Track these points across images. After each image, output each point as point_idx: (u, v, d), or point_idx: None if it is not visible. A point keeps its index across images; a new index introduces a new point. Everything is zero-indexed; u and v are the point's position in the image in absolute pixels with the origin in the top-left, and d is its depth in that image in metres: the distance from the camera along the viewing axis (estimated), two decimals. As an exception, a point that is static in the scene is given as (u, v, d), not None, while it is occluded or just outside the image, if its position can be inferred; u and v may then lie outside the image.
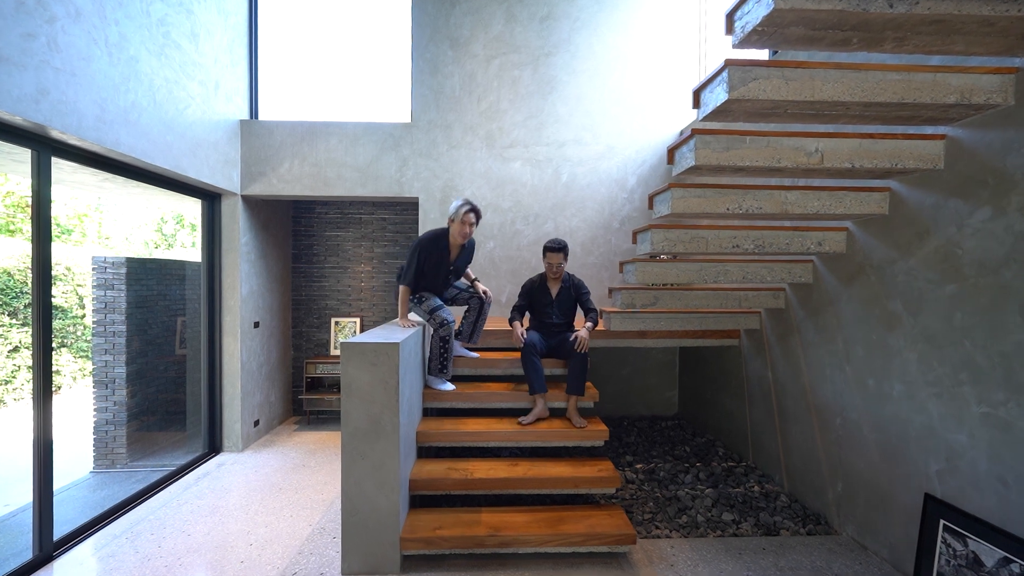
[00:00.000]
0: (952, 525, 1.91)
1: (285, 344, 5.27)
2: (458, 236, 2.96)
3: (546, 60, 4.53)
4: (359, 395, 2.11)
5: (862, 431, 2.39)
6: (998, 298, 1.76)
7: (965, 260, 1.89)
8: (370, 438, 2.11)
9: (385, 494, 2.12)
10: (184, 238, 12.49)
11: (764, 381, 3.22)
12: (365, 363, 2.10)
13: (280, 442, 4.60)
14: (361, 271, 5.46)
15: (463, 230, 2.92)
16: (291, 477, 3.79)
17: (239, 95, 4.33)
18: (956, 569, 1.88)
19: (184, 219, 12.14)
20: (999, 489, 1.76)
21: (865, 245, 2.38)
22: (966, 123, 1.89)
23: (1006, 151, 1.74)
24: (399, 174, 4.44)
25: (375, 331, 2.54)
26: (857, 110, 1.76)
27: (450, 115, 4.47)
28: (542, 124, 4.54)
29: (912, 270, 2.11)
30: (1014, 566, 1.69)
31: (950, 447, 1.94)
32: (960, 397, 1.90)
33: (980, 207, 1.83)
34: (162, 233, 12.62)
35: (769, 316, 3.18)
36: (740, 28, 1.55)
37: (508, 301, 4.52)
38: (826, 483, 2.64)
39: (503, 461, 2.64)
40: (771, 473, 3.14)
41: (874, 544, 2.32)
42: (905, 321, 2.15)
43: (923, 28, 1.50)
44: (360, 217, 5.45)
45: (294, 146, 4.38)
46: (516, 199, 4.53)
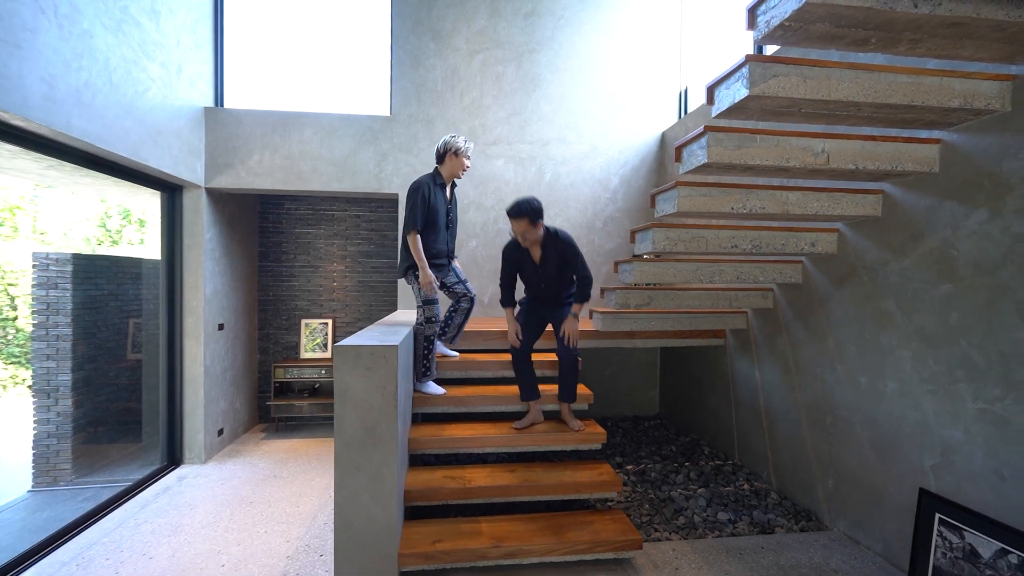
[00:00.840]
0: (948, 519, 1.96)
1: (251, 347, 4.96)
2: (458, 171, 2.84)
3: (530, 57, 4.46)
4: (354, 402, 1.96)
5: (854, 428, 2.44)
6: (995, 298, 1.82)
7: (961, 261, 1.94)
8: (366, 448, 1.97)
9: (382, 507, 1.98)
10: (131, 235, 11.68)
11: (751, 380, 3.27)
12: (360, 367, 1.96)
13: (247, 452, 4.31)
14: (333, 270, 5.22)
15: (463, 165, 2.83)
16: (262, 489, 3.55)
17: (203, 80, 4.03)
18: (952, 562, 1.93)
19: (131, 214, 11.35)
20: (995, 483, 1.82)
21: (857, 246, 2.43)
22: (960, 128, 1.95)
23: (1002, 155, 1.80)
24: (378, 169, 4.26)
25: (367, 332, 2.39)
26: (868, 111, 1.77)
27: (432, 109, 4.33)
28: (526, 122, 4.47)
29: (906, 271, 2.17)
30: (1011, 557, 1.75)
31: (945, 443, 2.00)
32: (956, 394, 1.96)
33: (976, 209, 1.89)
34: (106, 229, 11.75)
35: (756, 316, 3.22)
36: (764, 23, 1.52)
37: (491, 301, 4.42)
38: (816, 480, 2.69)
39: (499, 467, 2.55)
40: (758, 471, 3.18)
41: (866, 539, 2.37)
42: (899, 320, 2.20)
43: (940, 30, 1.52)
44: (332, 214, 5.21)
45: (264, 137, 4.12)
46: (499, 197, 4.44)
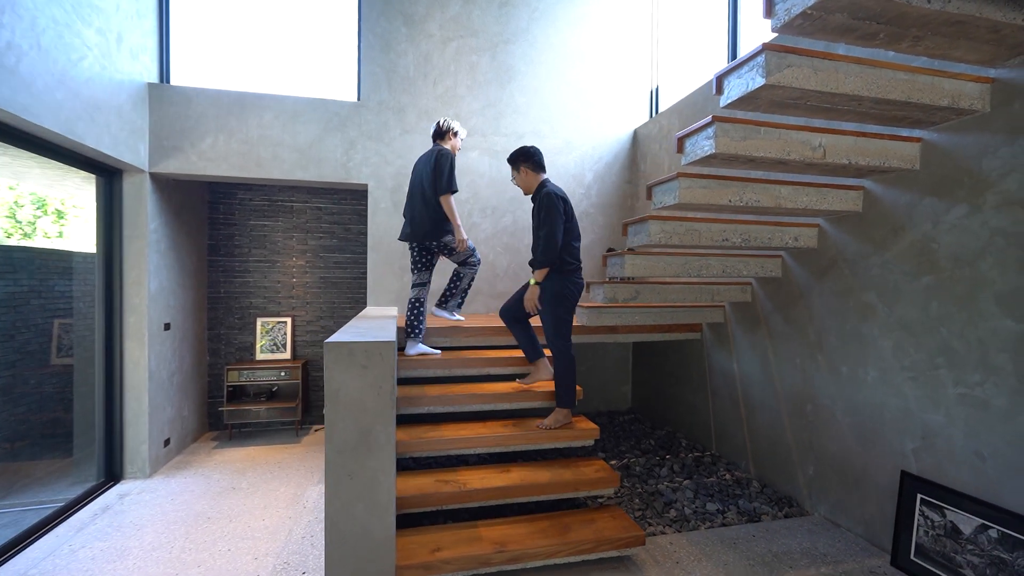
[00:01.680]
0: (930, 498, 2.07)
1: (200, 348, 4.56)
2: (456, 148, 3.13)
3: (505, 48, 4.37)
4: (347, 404, 1.79)
5: (835, 416, 2.53)
6: (975, 288, 1.93)
7: (941, 254, 2.05)
8: (359, 454, 1.81)
9: (378, 517, 1.82)
10: (47, 227, 10.54)
11: (728, 372, 3.35)
12: (354, 366, 1.79)
13: (198, 463, 3.95)
14: (293, 266, 4.89)
15: (458, 146, 3.13)
16: (221, 503, 3.24)
17: (147, 53, 3.64)
18: (935, 539, 2.03)
19: (47, 204, 10.24)
20: (975, 463, 1.93)
21: (838, 241, 2.53)
22: (941, 128, 2.06)
23: (981, 154, 1.91)
24: (346, 158, 4.02)
25: (352, 328, 2.21)
26: (867, 106, 1.82)
27: (403, 97, 4.14)
28: (500, 114, 4.37)
29: (887, 263, 2.27)
30: (992, 531, 1.86)
31: (926, 426, 2.10)
32: (936, 380, 2.06)
33: (956, 205, 2.00)
34: (15, 220, 10.54)
35: (734, 309, 3.30)
36: (784, 11, 1.52)
37: (467, 297, 4.29)
38: (796, 467, 2.78)
39: (492, 468, 2.44)
40: (737, 460, 3.26)
41: (847, 522, 2.46)
42: (880, 311, 2.30)
43: (943, 28, 1.57)
44: (292, 205, 4.89)
45: (219, 119, 3.78)
46: (474, 190, 4.31)
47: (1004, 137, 1.84)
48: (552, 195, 2.49)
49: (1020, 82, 1.80)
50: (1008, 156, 1.83)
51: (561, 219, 2.48)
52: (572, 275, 2.55)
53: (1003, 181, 1.84)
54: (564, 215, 2.50)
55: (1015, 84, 1.81)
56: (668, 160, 4.12)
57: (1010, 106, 1.82)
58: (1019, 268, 1.79)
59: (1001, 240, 1.85)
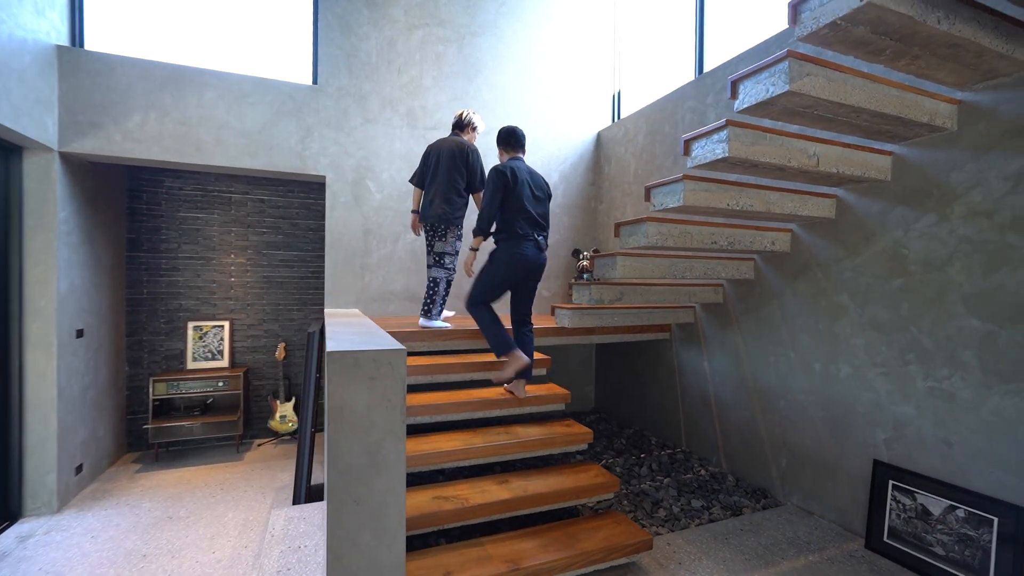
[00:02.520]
0: (901, 484, 2.24)
1: (118, 358, 3.97)
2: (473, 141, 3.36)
3: (472, 40, 4.23)
4: (353, 421, 1.59)
5: (807, 411, 2.69)
6: (943, 290, 2.11)
7: (911, 259, 2.23)
8: (367, 476, 1.61)
9: (387, 544, 1.63)
10: None
11: (699, 370, 3.46)
12: (361, 378, 1.59)
13: (120, 491, 3.42)
14: (231, 263, 4.41)
15: (475, 137, 3.39)
16: (157, 537, 2.82)
17: (55, 9, 3.09)
18: (906, 521, 2.21)
19: None
20: (943, 450, 2.11)
21: (810, 245, 2.68)
22: (911, 143, 2.24)
23: (950, 168, 2.10)
24: (301, 146, 3.68)
25: (343, 335, 1.98)
26: (865, 118, 1.93)
27: (365, 84, 3.87)
28: (467, 108, 4.22)
29: (859, 267, 2.44)
30: (959, 511, 2.04)
31: (897, 418, 2.28)
32: (906, 375, 2.24)
33: (926, 214, 2.18)
34: None
35: (704, 310, 3.42)
36: (811, 20, 1.55)
37: (431, 299, 4.09)
38: (769, 460, 2.92)
39: (488, 480, 2.31)
40: (708, 456, 3.38)
41: (820, 509, 2.62)
42: (852, 312, 2.47)
43: (940, 49, 1.69)
44: (230, 196, 4.40)
45: (151, 94, 3.29)
46: (440, 187, 4.11)
47: (970, 154, 2.03)
48: (494, 169, 2.65)
49: (985, 105, 1.99)
50: (974, 171, 2.02)
51: (497, 192, 2.60)
52: (517, 241, 2.63)
53: (969, 194, 2.04)
54: (505, 188, 2.62)
55: (980, 106, 2.00)
56: (635, 163, 4.20)
57: (976, 126, 2.02)
58: (984, 272, 1.99)
59: (967, 247, 2.04)
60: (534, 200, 2.68)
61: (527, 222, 2.63)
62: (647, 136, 4.04)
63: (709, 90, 3.39)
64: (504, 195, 2.62)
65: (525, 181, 2.66)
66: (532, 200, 2.66)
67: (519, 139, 2.80)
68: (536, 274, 2.71)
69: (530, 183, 2.69)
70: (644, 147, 4.08)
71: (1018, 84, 1.89)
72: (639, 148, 4.14)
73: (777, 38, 2.89)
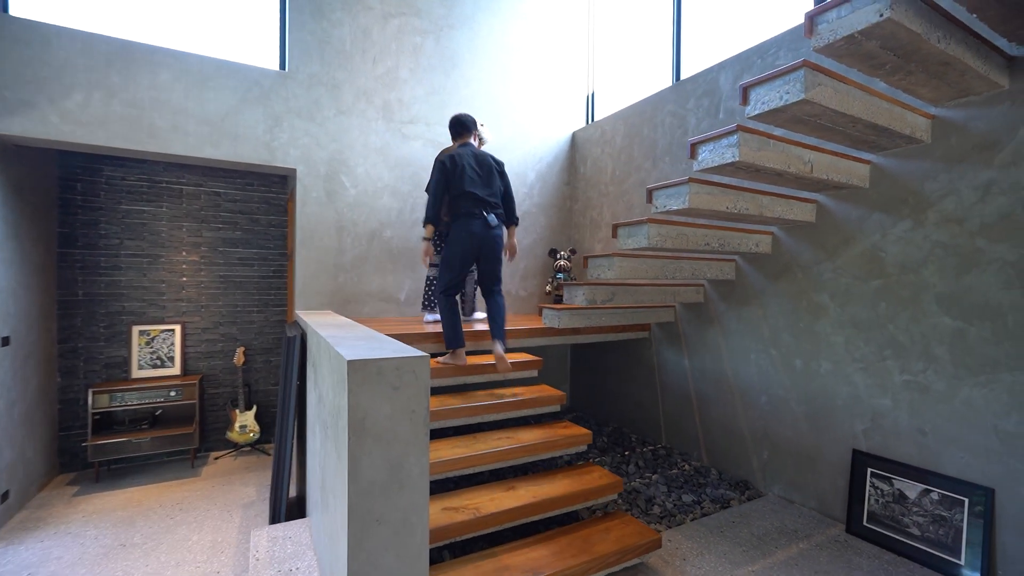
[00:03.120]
0: (879, 471, 2.41)
1: (49, 368, 3.53)
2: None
3: (449, 33, 4.12)
4: (376, 434, 1.48)
5: (789, 405, 2.83)
6: (918, 291, 2.28)
7: (888, 261, 2.39)
8: (390, 492, 1.50)
9: (410, 565, 1.54)
10: None
11: (679, 368, 3.56)
12: (384, 387, 1.48)
13: (56, 518, 3.04)
14: (182, 262, 4.05)
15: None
16: (110, 569, 2.54)
17: (-23, -32, 2.68)
18: (884, 505, 2.37)
19: None
20: (918, 438, 2.28)
21: (791, 248, 2.82)
22: (888, 153, 2.40)
23: (924, 178, 2.27)
24: (269, 136, 3.42)
25: (344, 334, 1.84)
26: (860, 128, 2.04)
27: (339, 72, 3.66)
28: (444, 103, 4.11)
29: (839, 269, 2.59)
30: (933, 494, 2.22)
31: (874, 410, 2.44)
32: (884, 370, 2.40)
33: (902, 220, 2.35)
34: None
35: (685, 309, 3.52)
36: (828, 32, 1.61)
37: (407, 299, 3.95)
38: (751, 453, 3.05)
39: (495, 488, 2.24)
40: (688, 451, 3.49)
41: (801, 498, 2.77)
42: (832, 311, 2.62)
43: (932, 67, 1.81)
44: (181, 188, 4.03)
45: (95, 72, 2.94)
46: (417, 183, 3.99)
47: (943, 165, 2.21)
48: (436, 160, 2.82)
49: (956, 120, 2.17)
50: (946, 181, 2.20)
51: (439, 183, 2.76)
52: (464, 220, 2.74)
53: (942, 202, 2.21)
54: (446, 176, 2.77)
55: (953, 121, 2.18)
56: (612, 164, 4.25)
57: (948, 140, 2.19)
58: (955, 274, 2.16)
59: (940, 251, 2.21)
60: (479, 181, 2.78)
61: (472, 202, 2.75)
62: (625, 138, 4.10)
63: (690, 95, 3.48)
64: (447, 183, 2.76)
65: (467, 165, 2.78)
66: (476, 182, 2.77)
67: (464, 124, 2.93)
68: (490, 250, 2.79)
69: (473, 166, 2.80)
70: (622, 149, 4.14)
71: (988, 102, 2.07)
72: (617, 150, 4.20)
73: (758, 48, 3.01)
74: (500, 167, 2.90)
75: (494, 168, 2.87)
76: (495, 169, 2.87)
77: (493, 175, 2.85)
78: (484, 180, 2.80)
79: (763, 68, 2.98)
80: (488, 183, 2.81)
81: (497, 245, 2.80)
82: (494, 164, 2.88)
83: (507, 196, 2.93)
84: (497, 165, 2.89)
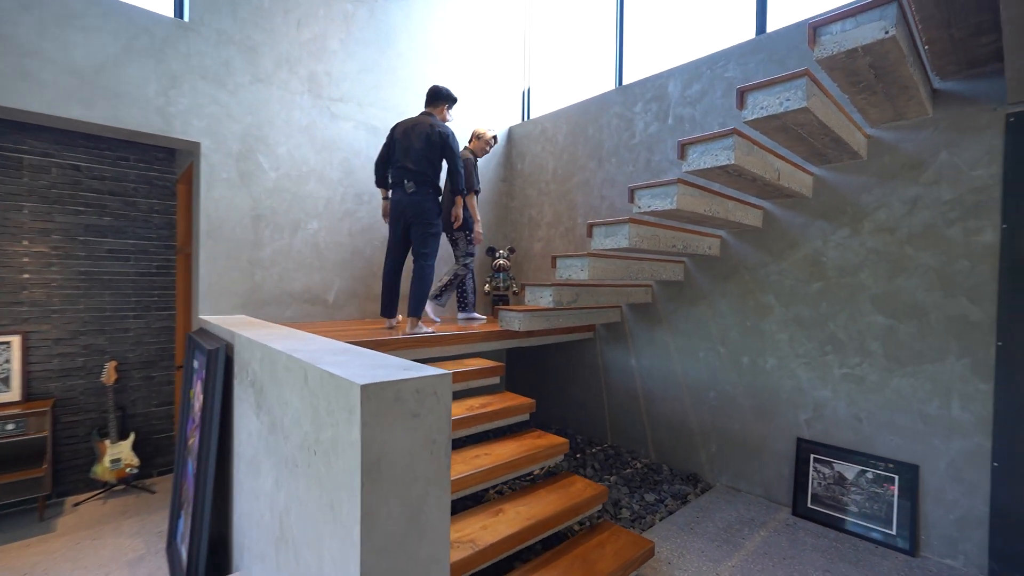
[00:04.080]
0: (821, 456, 2.64)
1: None
2: (484, 148, 3.57)
3: (385, 5, 3.73)
4: (393, 477, 1.18)
5: (736, 400, 3.00)
6: (855, 292, 2.53)
7: (829, 265, 2.63)
8: (408, 544, 1.22)
9: (430, 628, 1.27)
10: None
11: (626, 368, 3.61)
12: (403, 415, 1.19)
13: None
14: (23, 254, 3.13)
15: (485, 149, 3.57)
16: None
17: None
18: (826, 487, 2.61)
19: None
20: (855, 424, 2.54)
21: (739, 251, 2.99)
22: (829, 167, 2.64)
23: (860, 191, 2.53)
24: (164, 100, 2.77)
25: (319, 349, 1.47)
26: (825, 140, 2.18)
27: (256, 33, 3.10)
28: (380, 83, 3.71)
29: (783, 271, 2.80)
30: (868, 473, 2.48)
31: (816, 401, 2.67)
32: (825, 364, 2.64)
33: (841, 228, 2.59)
34: None
35: (631, 310, 3.58)
36: (832, 43, 1.67)
37: (337, 300, 3.50)
38: (699, 447, 3.19)
39: (482, 511, 2.01)
40: (636, 449, 3.55)
41: (747, 486, 2.95)
42: (777, 310, 2.82)
43: (892, 89, 1.99)
44: (20, 158, 3.12)
45: None
46: (348, 170, 3.55)
47: (877, 180, 2.47)
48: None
49: (888, 140, 2.44)
50: (879, 194, 2.47)
51: (381, 151, 3.05)
52: (392, 190, 2.97)
53: (875, 213, 2.48)
54: (386, 146, 3.02)
55: (885, 141, 2.45)
56: (554, 162, 4.19)
57: (881, 158, 2.46)
58: (887, 277, 2.44)
59: (874, 257, 2.48)
60: (409, 151, 2.88)
61: (398, 172, 2.91)
62: (568, 137, 4.07)
63: (638, 99, 3.54)
64: (385, 152, 3.01)
65: (405, 135, 2.92)
66: (405, 152, 2.89)
67: (431, 95, 3.05)
68: (411, 216, 2.88)
69: (410, 135, 2.90)
70: (565, 147, 4.10)
71: (915, 127, 2.36)
72: (559, 148, 4.15)
73: (708, 59, 3.14)
74: (439, 138, 2.89)
75: (424, 136, 2.88)
76: (426, 137, 2.88)
77: (418, 143, 2.87)
78: (416, 149, 2.87)
79: (712, 79, 3.12)
80: (419, 152, 2.87)
81: (417, 210, 2.86)
82: (428, 133, 2.88)
83: (450, 168, 2.95)
84: (434, 135, 2.89)
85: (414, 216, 2.86)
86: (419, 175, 2.84)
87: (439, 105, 3.02)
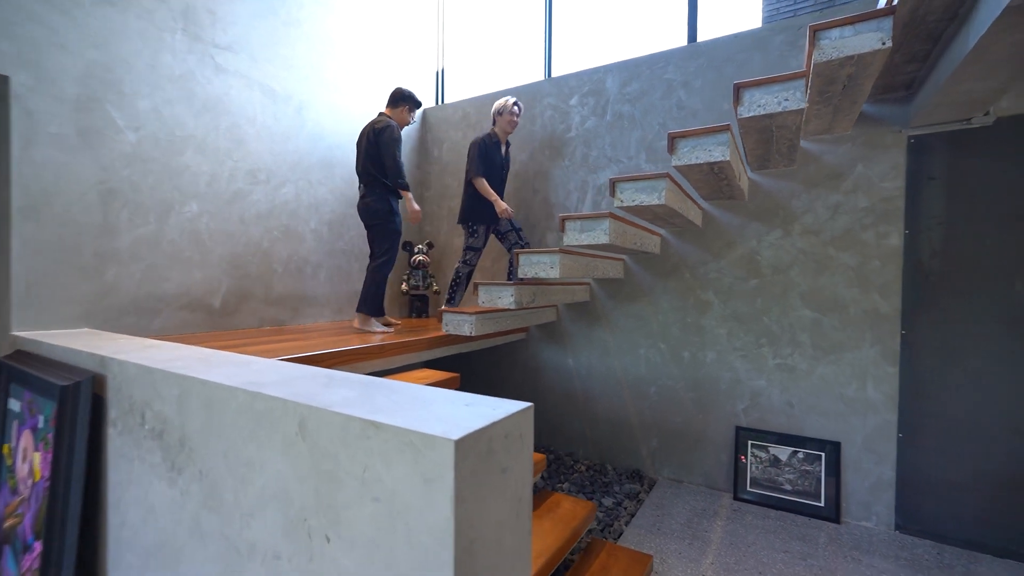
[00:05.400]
0: (757, 442, 2.83)
1: None
2: (507, 128, 3.26)
3: (283, -60, 3.03)
4: (485, 559, 0.83)
5: (677, 394, 3.08)
6: (787, 289, 2.76)
7: (763, 263, 2.83)
8: (496, 650, 0.87)
9: None
10: None
11: (563, 368, 3.51)
12: (493, 472, 0.84)
13: None
14: None
15: (510, 121, 3.24)
16: None
17: None
18: (763, 470, 2.81)
19: None
20: (787, 410, 2.78)
21: (679, 249, 3.07)
22: (763, 173, 2.83)
23: (791, 196, 2.76)
24: (-57, 1, 1.82)
25: (300, 376, 1.01)
26: (790, 144, 2.30)
27: (103, -67, 2.24)
28: (279, 39, 3.04)
29: (722, 269, 2.94)
30: (799, 454, 2.73)
31: (753, 390, 2.86)
32: (760, 355, 2.84)
33: (774, 229, 2.80)
34: None
35: (567, 309, 3.48)
36: (831, 48, 1.72)
37: (224, 307, 2.77)
38: (639, 442, 3.22)
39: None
40: (574, 450, 3.47)
41: (689, 477, 3.05)
42: (716, 306, 2.96)
43: (845, 103, 2.16)
44: None
45: None
46: (238, 139, 2.82)
47: (804, 187, 2.72)
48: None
49: (813, 152, 2.70)
50: (806, 200, 2.72)
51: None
52: None
53: (803, 216, 2.73)
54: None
55: (811, 153, 2.70)
56: (478, 152, 3.89)
57: (808, 167, 2.71)
58: (814, 275, 2.70)
59: (803, 256, 2.72)
60: (359, 155, 2.90)
61: (358, 177, 2.94)
62: (495, 125, 3.80)
63: (574, 92, 3.44)
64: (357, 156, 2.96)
65: (359, 140, 2.92)
66: (357, 157, 2.91)
67: (393, 96, 2.99)
68: (365, 218, 2.90)
69: (361, 139, 2.89)
70: (491, 136, 3.83)
71: (836, 141, 2.64)
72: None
73: (648, 59, 3.17)
74: (374, 134, 2.82)
75: (366, 136, 2.85)
76: (366, 137, 2.84)
77: (363, 145, 2.86)
78: (358, 154, 2.90)
79: (651, 78, 3.15)
80: (358, 156, 2.90)
81: (367, 211, 2.86)
82: (369, 132, 2.85)
83: (387, 165, 2.81)
84: (372, 133, 2.83)
85: (366, 218, 2.88)
86: (366, 176, 2.85)
87: (399, 107, 2.97)
